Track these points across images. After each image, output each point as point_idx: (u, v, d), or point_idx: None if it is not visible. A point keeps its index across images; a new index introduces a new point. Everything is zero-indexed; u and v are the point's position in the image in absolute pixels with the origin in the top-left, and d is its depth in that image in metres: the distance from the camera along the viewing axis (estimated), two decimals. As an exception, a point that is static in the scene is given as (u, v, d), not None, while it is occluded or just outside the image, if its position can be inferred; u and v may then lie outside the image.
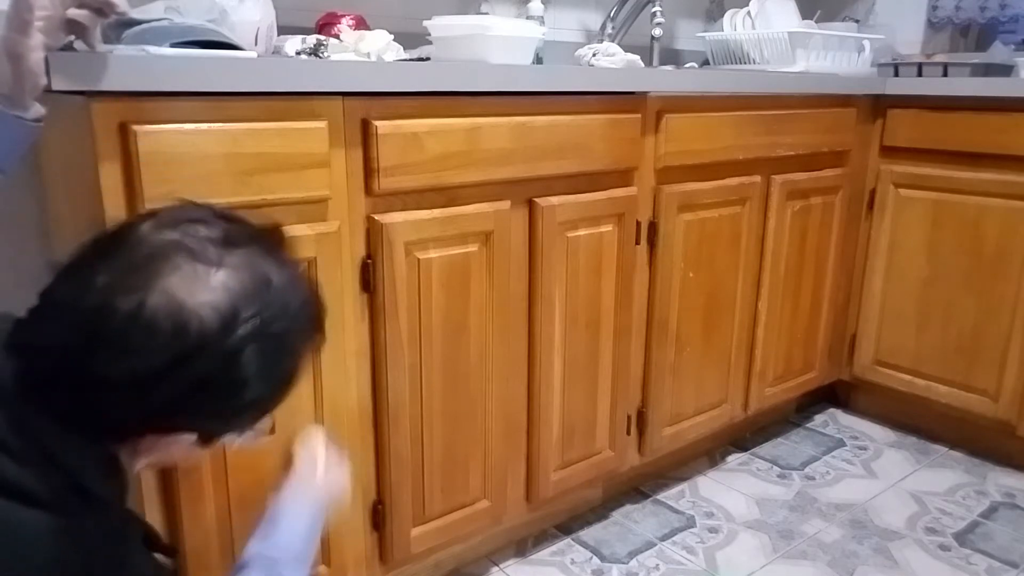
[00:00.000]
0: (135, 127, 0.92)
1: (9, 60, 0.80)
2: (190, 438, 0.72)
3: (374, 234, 1.17)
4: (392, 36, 1.30)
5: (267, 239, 0.74)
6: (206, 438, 0.74)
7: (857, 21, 2.44)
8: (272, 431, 0.83)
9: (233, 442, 0.78)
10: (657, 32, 2.08)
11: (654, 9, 2.05)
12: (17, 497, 0.64)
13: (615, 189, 1.47)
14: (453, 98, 1.21)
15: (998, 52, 2.03)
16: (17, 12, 0.79)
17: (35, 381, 0.66)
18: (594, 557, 1.59)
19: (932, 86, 1.91)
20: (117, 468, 0.72)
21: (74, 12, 0.83)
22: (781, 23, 2.09)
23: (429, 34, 1.43)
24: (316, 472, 0.95)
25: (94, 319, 0.65)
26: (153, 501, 1.04)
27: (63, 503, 0.66)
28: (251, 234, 0.73)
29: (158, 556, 0.87)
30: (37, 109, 0.84)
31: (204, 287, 0.66)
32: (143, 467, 0.75)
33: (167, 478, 1.04)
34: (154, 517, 1.04)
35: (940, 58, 1.99)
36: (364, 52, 1.26)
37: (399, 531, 1.30)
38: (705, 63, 2.26)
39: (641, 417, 1.68)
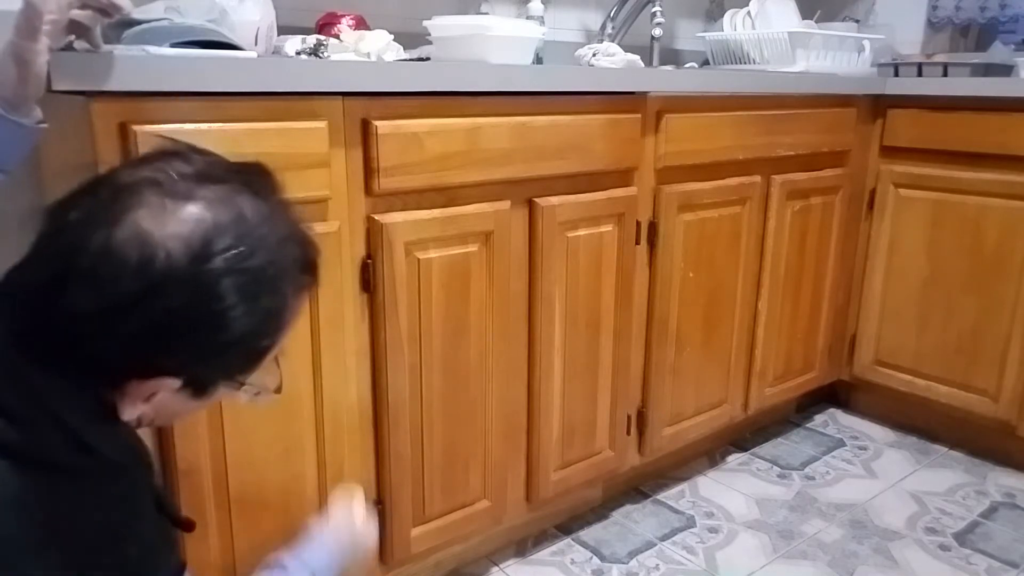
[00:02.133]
0: (135, 127, 0.92)
1: (16, 65, 0.80)
2: (174, 383, 0.70)
3: (374, 234, 1.17)
4: (392, 36, 1.30)
5: (247, 175, 0.72)
6: (195, 385, 0.72)
7: (857, 21, 2.44)
8: (279, 390, 0.80)
9: (236, 398, 0.76)
10: (657, 32, 2.08)
11: (654, 9, 2.05)
12: (6, 454, 0.63)
13: (615, 189, 1.47)
14: (453, 98, 1.21)
15: (998, 52, 2.03)
16: (27, 18, 0.79)
17: (20, 327, 0.66)
18: (594, 557, 1.59)
19: (932, 86, 1.91)
20: (113, 416, 0.71)
21: (77, 13, 0.83)
22: (781, 23, 2.09)
23: (429, 34, 1.43)
24: (348, 519, 0.98)
25: (66, 255, 0.65)
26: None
27: (55, 461, 0.65)
28: (229, 169, 0.72)
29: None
30: (38, 113, 0.84)
31: (173, 219, 0.65)
32: (139, 420, 0.73)
33: (166, 478, 1.04)
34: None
35: (940, 58, 1.99)
36: (364, 52, 1.26)
37: (399, 531, 1.30)
38: (705, 63, 2.26)
39: (641, 417, 1.68)
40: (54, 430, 0.66)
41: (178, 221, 0.65)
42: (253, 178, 0.73)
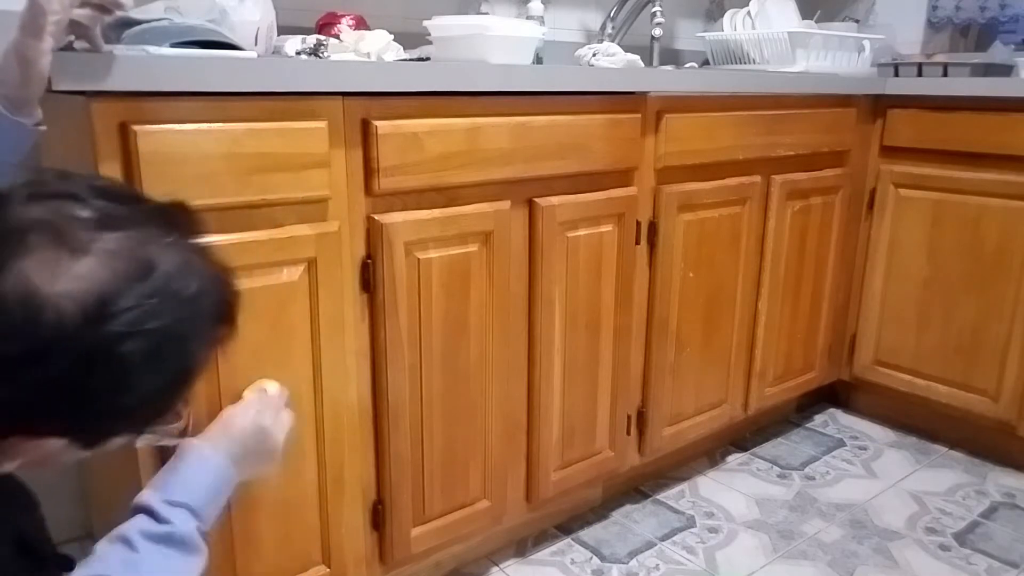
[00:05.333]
0: (135, 127, 0.92)
1: (19, 64, 0.80)
2: (59, 443, 0.64)
3: (374, 234, 1.17)
4: (392, 36, 1.30)
5: (158, 218, 0.65)
6: (86, 441, 0.66)
7: (857, 21, 2.44)
8: (185, 432, 0.76)
9: (136, 443, 0.72)
10: (657, 32, 2.08)
11: (654, 9, 2.05)
12: None
13: (615, 189, 1.47)
14: (453, 98, 1.21)
15: (998, 52, 2.03)
16: (32, 18, 0.79)
17: None
18: (594, 557, 1.59)
19: (932, 86, 1.91)
20: None
21: (78, 12, 0.83)
22: (781, 23, 2.09)
23: (429, 34, 1.43)
24: (250, 415, 0.91)
25: None
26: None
27: None
28: (136, 213, 0.64)
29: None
30: (39, 113, 0.84)
31: (65, 274, 0.58)
32: (17, 468, 0.67)
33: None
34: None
35: (940, 58, 1.99)
36: (364, 52, 1.26)
37: (399, 531, 1.30)
38: (705, 63, 2.26)
39: (641, 417, 1.68)
40: None
41: (72, 277, 0.58)
42: (167, 220, 0.66)
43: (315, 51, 1.28)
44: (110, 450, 0.69)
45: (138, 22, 1.01)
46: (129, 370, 0.61)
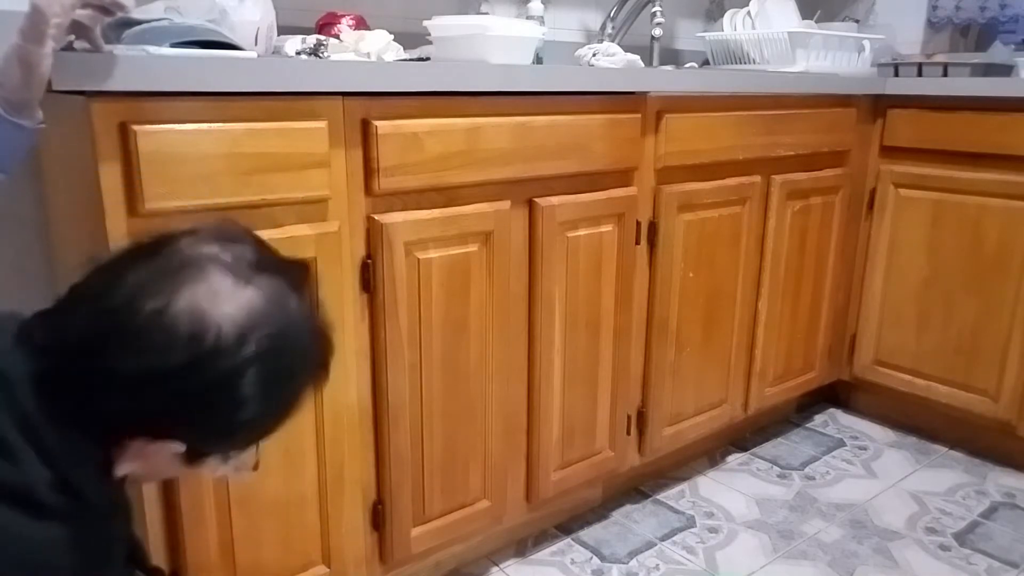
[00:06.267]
0: (135, 127, 0.92)
1: (21, 67, 0.80)
2: (177, 448, 0.72)
3: (374, 234, 1.17)
4: (392, 36, 1.30)
5: (294, 272, 0.76)
6: (192, 453, 0.74)
7: (857, 21, 2.44)
8: (256, 467, 0.83)
9: (216, 469, 0.78)
10: (657, 32, 2.08)
11: (654, 9, 2.05)
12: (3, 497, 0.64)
13: (615, 189, 1.47)
14: (453, 98, 1.21)
15: (998, 52, 2.03)
16: (34, 23, 0.79)
17: (48, 375, 0.67)
18: (594, 557, 1.59)
19: (932, 86, 1.91)
20: (109, 472, 0.72)
21: (79, 13, 0.83)
22: (781, 23, 2.09)
23: (429, 34, 1.43)
24: None
25: (117, 314, 0.66)
26: (155, 512, 1.04)
27: (42, 503, 0.66)
28: (281, 263, 0.75)
29: None
30: (39, 115, 0.84)
31: (229, 300, 0.67)
32: (124, 474, 0.74)
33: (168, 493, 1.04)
34: (155, 526, 1.04)
35: (940, 58, 1.99)
36: (364, 52, 1.26)
37: (399, 531, 1.30)
38: (705, 63, 2.26)
39: (641, 417, 1.68)
40: (43, 468, 0.66)
41: (235, 304, 0.68)
42: (297, 275, 0.76)
43: (315, 51, 1.28)
44: (200, 474, 0.75)
45: (138, 22, 1.01)
46: (250, 392, 0.69)
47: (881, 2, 2.48)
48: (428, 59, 1.41)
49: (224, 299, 0.67)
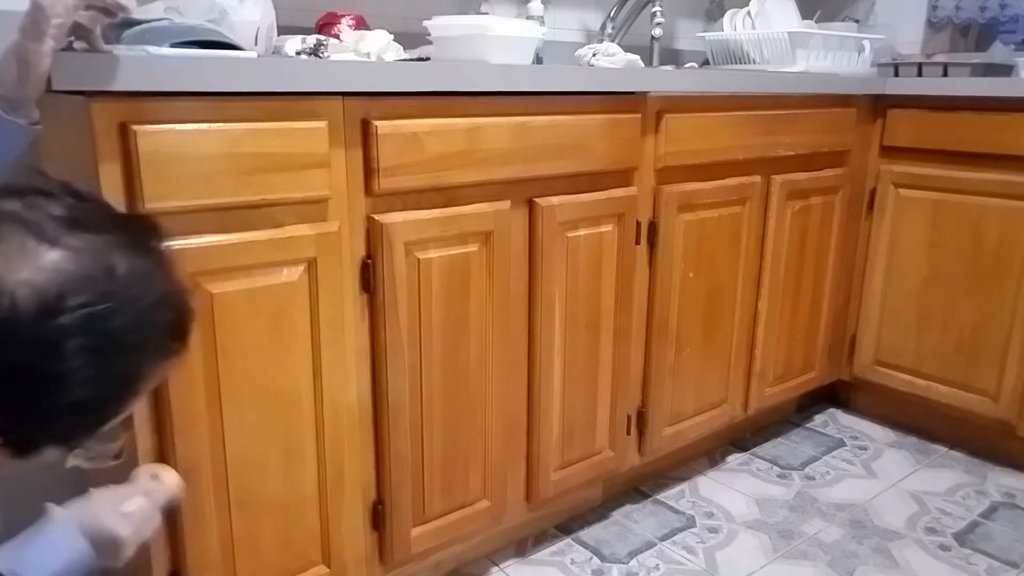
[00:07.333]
0: (135, 127, 0.92)
1: (19, 66, 0.80)
2: None
3: (374, 234, 1.17)
4: (392, 36, 1.30)
5: (125, 227, 0.67)
6: (17, 445, 0.64)
7: (857, 21, 2.44)
8: (118, 456, 0.74)
9: (67, 461, 0.70)
10: (657, 32, 2.08)
11: (654, 9, 2.05)
12: None
13: (615, 189, 1.47)
14: (453, 98, 1.21)
15: (998, 52, 2.03)
16: (34, 22, 0.79)
17: None
18: (594, 557, 1.59)
19: (932, 86, 1.91)
20: None
21: (81, 14, 0.83)
22: (781, 23, 2.09)
23: (429, 34, 1.43)
24: (112, 516, 0.80)
25: None
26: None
27: None
28: (107, 219, 0.66)
29: None
30: (36, 113, 0.84)
31: (29, 264, 0.59)
32: None
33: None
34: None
35: (940, 58, 1.99)
36: (364, 52, 1.26)
37: (399, 531, 1.30)
38: (705, 63, 2.26)
39: (641, 417, 1.68)
40: None
41: (35, 267, 0.59)
42: (135, 231, 0.67)
43: (315, 51, 1.28)
44: (43, 462, 0.67)
45: (138, 22, 1.01)
46: (72, 369, 0.60)
47: (881, 2, 2.49)
48: (428, 59, 1.41)
49: (24, 263, 0.58)
